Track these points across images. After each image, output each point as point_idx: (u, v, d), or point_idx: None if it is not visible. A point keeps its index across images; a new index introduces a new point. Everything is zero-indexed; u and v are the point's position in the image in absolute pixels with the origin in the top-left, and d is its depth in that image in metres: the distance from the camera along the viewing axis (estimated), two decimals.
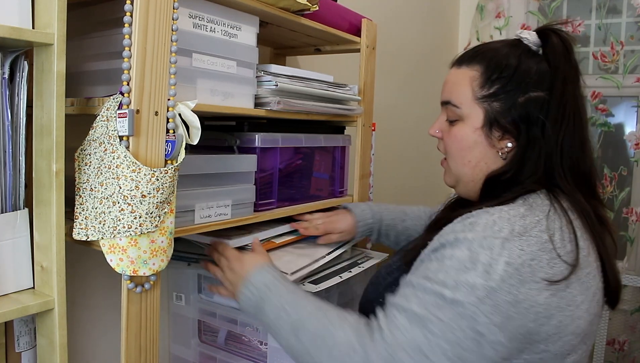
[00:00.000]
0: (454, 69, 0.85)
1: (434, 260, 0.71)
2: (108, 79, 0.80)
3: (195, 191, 0.85)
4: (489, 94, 0.79)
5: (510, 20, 2.38)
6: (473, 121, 0.81)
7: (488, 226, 0.69)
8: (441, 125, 0.88)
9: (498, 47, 0.82)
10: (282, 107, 0.96)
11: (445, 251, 0.70)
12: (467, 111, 0.81)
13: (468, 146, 0.82)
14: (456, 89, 0.83)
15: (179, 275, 1.11)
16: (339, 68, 1.49)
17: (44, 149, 0.69)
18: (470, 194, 0.86)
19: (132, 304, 0.74)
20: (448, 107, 0.84)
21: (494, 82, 0.79)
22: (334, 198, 1.23)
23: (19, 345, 0.79)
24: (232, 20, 0.89)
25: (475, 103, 0.80)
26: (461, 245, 0.69)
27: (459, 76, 0.83)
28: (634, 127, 2.23)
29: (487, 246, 0.67)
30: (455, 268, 0.67)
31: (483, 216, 0.71)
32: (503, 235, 0.67)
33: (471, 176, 0.83)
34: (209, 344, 1.11)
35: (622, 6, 2.22)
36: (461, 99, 0.82)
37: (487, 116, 0.79)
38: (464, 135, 0.82)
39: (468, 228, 0.70)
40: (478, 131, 0.80)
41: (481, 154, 0.81)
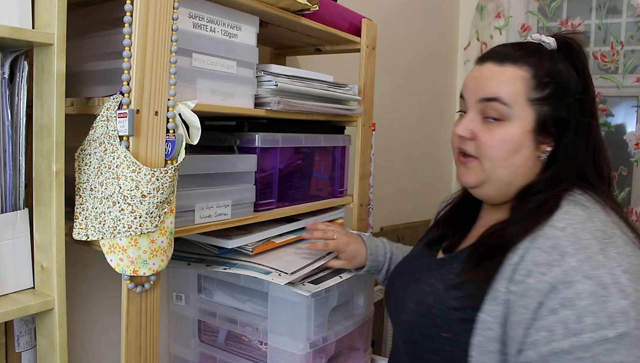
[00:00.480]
0: (495, 66, 0.80)
1: (560, 310, 0.65)
2: (108, 79, 0.80)
3: (195, 191, 0.85)
4: (541, 97, 0.77)
5: (510, 20, 2.38)
6: (523, 123, 0.77)
7: (576, 244, 0.67)
8: (473, 124, 0.81)
9: (537, 49, 0.81)
10: (282, 107, 0.96)
11: (565, 293, 0.65)
12: (518, 111, 0.77)
13: (514, 149, 0.77)
14: (506, 87, 0.78)
15: (179, 275, 1.11)
16: (339, 68, 1.49)
17: (44, 149, 0.69)
18: (496, 197, 0.82)
19: (132, 304, 0.74)
20: (492, 104, 0.78)
21: (546, 86, 0.77)
22: (334, 198, 1.23)
23: (19, 345, 0.79)
24: (232, 20, 0.89)
25: (527, 104, 0.77)
26: (576, 278, 0.65)
27: (507, 74, 0.78)
28: (634, 127, 2.23)
29: (597, 266, 0.65)
30: (594, 304, 0.63)
31: (551, 233, 0.69)
32: (596, 247, 0.67)
33: (508, 180, 0.79)
34: (209, 344, 1.11)
35: (622, 6, 2.22)
36: (514, 98, 0.77)
37: (539, 119, 0.77)
38: (512, 136, 0.77)
39: (557, 254, 0.67)
40: (527, 134, 0.77)
41: (524, 158, 0.78)
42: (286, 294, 0.96)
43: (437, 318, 0.76)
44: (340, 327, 1.06)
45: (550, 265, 0.67)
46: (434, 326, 0.76)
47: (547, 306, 0.66)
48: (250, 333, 1.03)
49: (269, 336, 1.00)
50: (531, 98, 0.77)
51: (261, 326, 1.01)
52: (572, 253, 0.67)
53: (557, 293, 0.66)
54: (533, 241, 0.70)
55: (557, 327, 0.65)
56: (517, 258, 0.71)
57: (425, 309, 0.78)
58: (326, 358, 1.04)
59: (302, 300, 0.95)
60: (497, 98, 0.78)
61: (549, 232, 0.70)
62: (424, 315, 0.78)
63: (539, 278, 0.67)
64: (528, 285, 0.68)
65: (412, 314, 0.81)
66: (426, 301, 0.79)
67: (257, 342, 1.04)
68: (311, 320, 0.97)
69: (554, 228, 0.70)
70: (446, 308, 0.75)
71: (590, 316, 0.63)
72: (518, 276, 0.69)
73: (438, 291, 0.79)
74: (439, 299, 0.77)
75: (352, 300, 1.15)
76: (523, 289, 0.68)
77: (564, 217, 0.71)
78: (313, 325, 0.97)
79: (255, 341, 1.05)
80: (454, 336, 0.74)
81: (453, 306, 0.75)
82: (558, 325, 0.65)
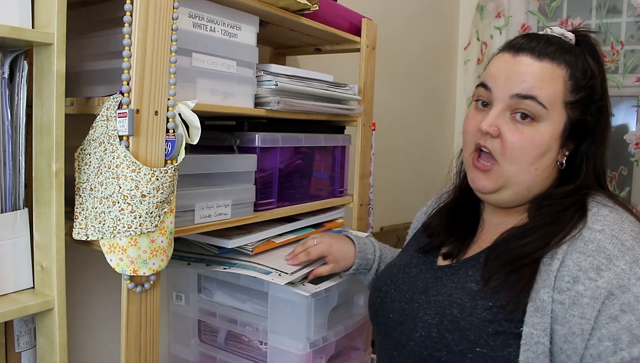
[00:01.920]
0: (532, 60, 0.73)
1: (621, 316, 0.62)
2: (108, 78, 0.80)
3: (195, 191, 0.85)
4: (575, 101, 0.73)
5: (510, 20, 2.38)
6: (555, 127, 0.72)
7: (619, 246, 0.65)
8: (500, 121, 0.73)
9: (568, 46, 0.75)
10: (282, 107, 0.96)
11: (623, 298, 0.62)
12: (553, 113, 0.72)
13: (542, 152, 0.72)
14: (545, 85, 0.72)
15: (179, 275, 1.11)
16: (339, 68, 1.49)
17: (44, 149, 0.69)
18: (510, 202, 0.77)
19: (132, 304, 0.74)
20: (526, 102, 0.72)
21: (581, 89, 0.73)
22: (334, 198, 1.23)
23: (19, 345, 0.79)
24: (232, 20, 0.89)
25: (562, 106, 0.72)
26: (631, 281, 0.63)
27: (547, 72, 0.72)
28: (634, 127, 2.23)
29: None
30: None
31: (590, 235, 0.67)
32: (639, 248, 0.66)
33: (528, 185, 0.74)
34: (209, 344, 1.11)
35: (622, 6, 2.22)
36: (552, 99, 0.72)
37: (568, 124, 0.73)
38: (543, 139, 0.72)
39: (604, 258, 0.65)
40: (557, 138, 0.73)
41: (548, 163, 0.74)
42: (286, 294, 0.96)
43: (469, 331, 0.69)
44: (340, 327, 1.06)
45: (598, 270, 0.64)
46: (467, 341, 0.68)
47: (607, 313, 0.63)
48: (250, 333, 1.03)
49: (269, 336, 1.00)
50: (567, 101, 0.73)
51: (261, 326, 1.01)
52: (618, 256, 0.64)
53: (615, 299, 0.63)
54: (572, 245, 0.67)
55: (622, 334, 0.61)
56: (557, 264, 0.67)
57: (451, 323, 0.71)
58: (326, 358, 1.04)
59: (302, 300, 0.95)
60: (534, 97, 0.71)
61: (588, 235, 0.67)
62: (451, 329, 0.70)
63: (589, 284, 0.64)
64: (577, 292, 0.64)
65: (434, 329, 0.72)
66: (450, 314, 0.72)
67: (257, 342, 1.04)
68: (311, 320, 0.97)
69: (592, 230, 0.67)
70: (478, 321, 0.69)
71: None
72: (562, 284, 0.65)
73: (461, 301, 0.72)
74: (464, 310, 0.71)
75: (352, 300, 1.15)
76: (572, 297, 0.64)
77: (598, 219, 0.68)
78: (313, 325, 0.97)
79: (255, 341, 1.05)
80: (490, 350, 0.67)
81: (485, 318, 0.68)
82: (622, 332, 0.61)
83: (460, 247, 0.81)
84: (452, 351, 0.69)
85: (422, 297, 0.78)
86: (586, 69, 0.74)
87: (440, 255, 0.84)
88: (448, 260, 0.82)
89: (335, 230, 1.20)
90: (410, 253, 0.90)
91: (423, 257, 0.86)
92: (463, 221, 0.85)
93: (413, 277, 0.83)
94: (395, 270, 0.88)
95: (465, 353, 0.68)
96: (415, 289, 0.80)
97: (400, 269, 0.87)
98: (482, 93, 0.77)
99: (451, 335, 0.70)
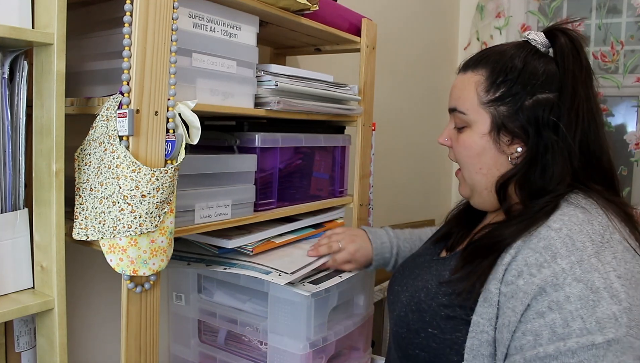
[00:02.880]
0: (460, 75, 0.83)
1: (547, 313, 0.63)
2: (108, 78, 0.80)
3: (195, 191, 0.85)
4: (494, 98, 0.77)
5: (510, 20, 2.38)
6: (480, 127, 0.78)
7: (569, 246, 0.66)
8: (450, 133, 0.85)
9: (504, 50, 0.80)
10: (282, 107, 0.96)
11: (553, 296, 0.64)
12: (474, 116, 0.79)
13: (477, 153, 0.79)
14: (462, 95, 0.81)
15: (179, 275, 1.11)
16: (339, 68, 1.49)
17: (44, 149, 0.69)
18: (486, 204, 0.83)
19: (132, 304, 0.74)
20: (455, 114, 0.82)
21: (499, 86, 0.77)
22: (334, 198, 1.23)
23: (18, 345, 0.79)
24: (232, 20, 0.89)
25: (481, 108, 0.78)
26: (566, 281, 0.63)
27: (465, 81, 0.81)
28: (634, 127, 2.23)
29: (590, 269, 0.63)
30: (583, 308, 0.62)
31: (546, 233, 0.68)
32: (590, 249, 0.65)
33: (484, 184, 0.80)
34: (209, 344, 1.11)
35: (622, 6, 2.22)
36: (467, 105, 0.79)
37: (494, 121, 0.77)
38: (472, 142, 0.79)
39: (549, 256, 0.66)
40: (485, 136, 0.78)
41: (492, 161, 0.78)
42: (286, 294, 0.96)
43: (425, 313, 0.76)
44: (340, 327, 1.06)
45: (540, 266, 0.66)
46: (422, 321, 0.76)
47: (535, 309, 0.65)
48: (250, 333, 1.03)
49: (269, 336, 1.00)
50: (483, 101, 0.78)
51: (261, 326, 1.01)
52: (564, 254, 0.65)
53: (546, 296, 0.64)
54: (527, 241, 0.69)
55: (543, 330, 0.63)
56: (509, 258, 0.69)
57: (416, 304, 0.79)
58: (326, 358, 1.04)
59: (302, 300, 0.95)
60: (455, 108, 0.81)
61: (543, 232, 0.68)
62: (414, 309, 0.78)
63: (528, 279, 0.66)
64: (517, 286, 0.67)
65: (403, 308, 0.81)
66: (417, 296, 0.79)
67: (257, 342, 1.04)
68: (311, 320, 0.97)
69: (549, 229, 0.68)
70: (435, 304, 0.75)
71: (578, 320, 0.62)
72: (509, 277, 0.68)
73: (430, 287, 0.79)
74: (429, 295, 0.78)
75: (352, 300, 1.15)
76: (512, 290, 0.67)
77: (562, 218, 0.69)
78: (313, 325, 0.97)
79: (255, 341, 1.05)
80: (440, 332, 0.73)
81: (442, 302, 0.75)
82: (544, 328, 0.63)
83: (457, 241, 0.88)
84: (410, 329, 0.78)
85: (410, 282, 0.85)
86: (508, 65, 0.77)
87: (445, 247, 0.91)
88: (447, 252, 0.89)
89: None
90: (427, 244, 0.97)
91: (432, 248, 0.93)
92: (471, 219, 0.91)
93: (416, 265, 0.91)
94: (409, 258, 0.98)
95: (419, 332, 0.76)
96: (410, 275, 0.88)
97: (412, 257, 0.96)
98: None
99: (412, 315, 0.78)
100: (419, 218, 2.24)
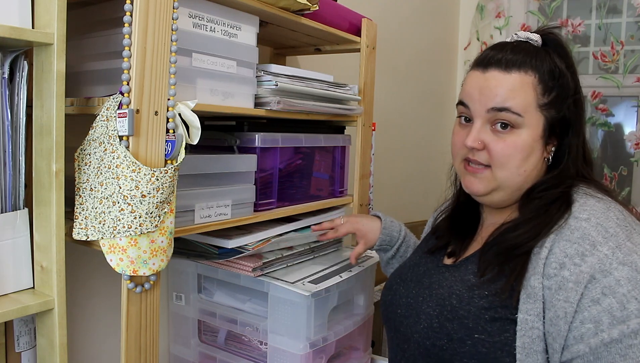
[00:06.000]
0: (500, 73, 0.77)
1: (602, 299, 0.65)
2: (108, 79, 0.80)
3: (195, 191, 0.85)
4: (549, 102, 0.77)
5: (510, 20, 2.38)
6: (534, 130, 0.77)
7: (604, 233, 0.68)
8: (483, 134, 0.79)
9: (533, 49, 0.79)
10: (282, 107, 0.96)
11: (604, 282, 0.66)
12: (529, 118, 0.76)
13: (526, 155, 0.77)
14: (517, 95, 0.76)
15: (179, 275, 1.11)
16: (339, 68, 1.49)
17: (44, 149, 0.69)
18: (505, 202, 0.82)
19: (132, 304, 0.74)
20: (502, 114, 0.77)
21: (552, 90, 0.77)
22: (334, 198, 1.23)
23: (18, 345, 0.79)
24: (232, 20, 0.89)
25: (538, 111, 0.77)
26: (613, 266, 0.66)
27: (515, 81, 0.77)
28: (634, 127, 2.23)
29: (629, 252, 0.67)
30: (635, 289, 0.65)
31: (576, 224, 0.70)
32: (622, 234, 0.68)
33: (520, 185, 0.79)
34: (209, 344, 1.11)
35: (622, 6, 2.22)
36: (524, 107, 0.76)
37: (547, 124, 0.78)
38: (525, 144, 0.77)
39: (588, 244, 0.68)
40: (538, 139, 0.78)
41: (535, 162, 0.78)
42: (286, 294, 0.96)
43: (467, 319, 0.73)
44: (340, 327, 1.06)
45: (583, 256, 0.68)
46: (465, 328, 0.73)
47: (589, 296, 0.66)
48: (250, 333, 1.03)
49: (269, 336, 1.00)
50: (540, 104, 0.77)
51: (261, 326, 1.01)
52: (602, 242, 0.68)
53: (597, 283, 0.66)
54: (559, 234, 0.71)
55: (602, 316, 0.65)
56: (545, 252, 0.70)
57: (450, 312, 0.75)
58: (326, 358, 1.04)
59: (302, 299, 0.95)
60: (508, 108, 0.76)
61: (574, 224, 0.70)
62: (450, 318, 0.75)
63: (573, 269, 0.67)
64: (563, 277, 0.68)
65: (435, 319, 0.77)
66: (449, 304, 0.76)
67: (257, 342, 1.04)
68: (311, 320, 0.97)
69: (578, 219, 0.71)
70: (475, 309, 0.73)
71: (633, 301, 0.64)
72: (550, 270, 0.69)
73: (460, 292, 0.76)
74: (463, 300, 0.75)
75: (352, 300, 1.15)
76: (558, 282, 0.68)
77: (584, 208, 0.72)
78: (313, 325, 0.97)
79: (255, 341, 1.05)
80: (488, 336, 0.71)
81: (482, 305, 0.73)
82: (603, 314, 0.65)
83: (462, 246, 0.87)
84: (452, 339, 0.73)
85: (426, 292, 0.82)
86: (553, 69, 0.78)
87: (445, 254, 0.89)
88: (452, 258, 0.87)
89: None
90: (420, 255, 0.95)
91: (430, 257, 0.91)
92: (465, 223, 0.90)
93: (420, 275, 0.88)
94: (405, 269, 0.93)
95: (465, 340, 0.72)
96: (420, 285, 0.85)
97: (409, 269, 0.92)
98: (463, 110, 0.82)
99: (451, 324, 0.74)
100: (419, 218, 2.24)
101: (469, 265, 0.81)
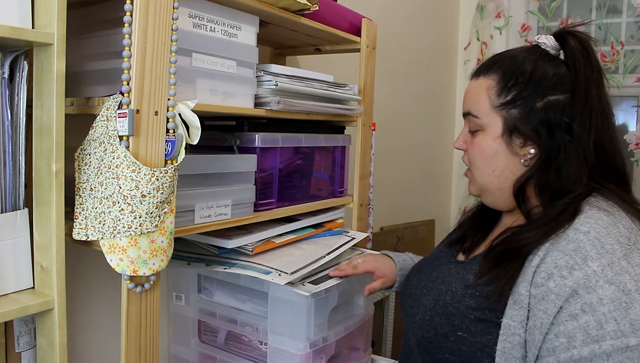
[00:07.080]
0: (473, 81, 0.85)
1: (580, 315, 0.64)
2: (108, 79, 0.80)
3: (195, 191, 0.85)
4: (506, 102, 0.79)
5: (510, 20, 2.38)
6: (493, 130, 0.80)
7: (599, 248, 0.66)
8: (465, 137, 0.86)
9: (514, 54, 0.82)
10: (282, 107, 0.96)
11: (586, 298, 0.64)
12: (486, 120, 0.80)
13: (490, 156, 0.81)
14: (475, 99, 0.82)
15: (179, 275, 1.11)
16: (339, 68, 1.49)
17: (44, 149, 0.69)
18: (497, 203, 0.85)
19: (132, 304, 0.74)
20: (469, 118, 0.84)
21: (510, 89, 0.78)
22: (334, 198, 1.23)
23: (19, 345, 0.79)
24: (232, 20, 0.89)
25: (493, 112, 0.80)
26: (599, 283, 0.64)
27: (477, 86, 0.83)
28: (634, 127, 2.23)
29: (621, 271, 0.64)
30: (617, 310, 0.62)
31: (574, 236, 0.68)
32: (620, 252, 0.66)
33: (497, 185, 0.82)
34: (209, 344, 1.11)
35: (622, 6, 2.22)
36: (480, 109, 0.81)
37: (506, 124, 0.78)
38: (485, 145, 0.81)
39: (580, 258, 0.66)
40: (498, 139, 0.79)
41: (505, 163, 0.80)
42: (286, 294, 0.96)
43: (454, 316, 0.76)
44: (340, 327, 1.06)
45: (571, 269, 0.66)
46: (451, 325, 0.75)
47: (568, 311, 0.65)
48: (250, 333, 1.03)
49: (269, 336, 1.00)
50: (495, 105, 0.79)
51: (261, 326, 1.01)
52: (594, 257, 0.66)
53: (578, 298, 0.64)
54: (555, 244, 0.69)
55: (577, 333, 0.64)
56: (537, 260, 0.70)
57: (442, 307, 0.78)
58: (326, 358, 1.04)
59: (302, 300, 0.95)
60: (469, 112, 0.83)
61: (572, 235, 0.69)
62: (440, 313, 0.78)
63: (559, 281, 0.66)
64: (548, 288, 0.67)
65: (428, 312, 0.80)
66: (443, 299, 0.79)
67: (257, 342, 1.04)
68: (311, 320, 0.97)
69: (577, 231, 0.69)
70: (463, 307, 0.75)
71: (612, 322, 0.62)
72: (538, 279, 0.68)
73: (455, 289, 0.79)
74: (455, 298, 0.77)
75: (352, 300, 1.15)
76: (543, 292, 0.67)
77: (588, 221, 0.70)
78: (313, 325, 0.97)
79: (255, 341, 1.05)
80: (470, 335, 0.73)
81: (471, 305, 0.75)
82: (578, 331, 0.63)
83: (473, 244, 0.89)
84: (438, 333, 0.77)
85: (430, 285, 0.86)
86: (518, 70, 0.79)
87: (461, 250, 0.91)
88: (464, 255, 0.89)
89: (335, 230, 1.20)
90: (440, 248, 0.98)
91: (447, 251, 0.93)
92: (486, 221, 0.92)
93: (433, 268, 0.91)
94: (423, 261, 0.98)
95: (448, 335, 0.75)
96: (429, 278, 0.88)
97: (426, 261, 0.96)
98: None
99: (439, 319, 0.78)
100: (419, 218, 2.24)
101: (474, 264, 0.82)
